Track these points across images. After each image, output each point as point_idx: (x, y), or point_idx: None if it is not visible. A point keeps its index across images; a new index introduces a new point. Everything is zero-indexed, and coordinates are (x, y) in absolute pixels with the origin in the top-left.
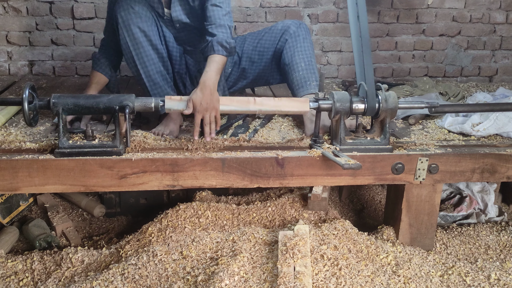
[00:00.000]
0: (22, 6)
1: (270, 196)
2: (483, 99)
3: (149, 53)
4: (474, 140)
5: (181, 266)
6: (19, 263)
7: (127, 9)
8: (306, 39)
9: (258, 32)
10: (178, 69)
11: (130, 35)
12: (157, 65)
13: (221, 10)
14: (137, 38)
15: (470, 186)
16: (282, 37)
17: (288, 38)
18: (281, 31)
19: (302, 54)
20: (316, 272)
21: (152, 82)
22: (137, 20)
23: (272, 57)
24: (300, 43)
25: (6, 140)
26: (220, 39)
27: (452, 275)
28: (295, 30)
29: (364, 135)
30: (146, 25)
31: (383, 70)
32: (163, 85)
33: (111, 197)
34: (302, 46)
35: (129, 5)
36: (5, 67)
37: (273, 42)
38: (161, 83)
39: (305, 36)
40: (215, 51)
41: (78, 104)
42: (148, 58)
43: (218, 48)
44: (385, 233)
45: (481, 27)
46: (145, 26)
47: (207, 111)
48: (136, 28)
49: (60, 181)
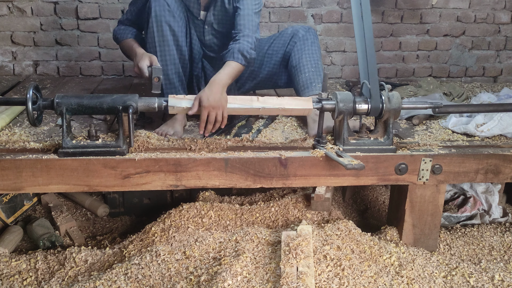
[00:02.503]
0: (26, 6)
1: (273, 196)
2: (487, 100)
3: (173, 52)
4: (478, 141)
5: (184, 266)
6: (23, 263)
7: (163, 5)
8: (314, 43)
9: (268, 37)
10: (197, 72)
11: (159, 31)
12: (177, 66)
13: (251, 21)
14: (165, 36)
15: (474, 187)
16: (292, 40)
17: (297, 41)
18: (290, 34)
19: (310, 57)
20: (319, 272)
21: (168, 81)
22: (169, 18)
23: (281, 59)
24: (308, 47)
25: (10, 140)
26: (242, 48)
27: (455, 276)
28: (304, 34)
29: (367, 135)
30: (177, 25)
31: (387, 70)
32: (177, 86)
33: (114, 197)
34: (310, 49)
35: (165, 2)
36: (10, 67)
37: (283, 45)
38: (177, 83)
39: (313, 40)
40: (234, 58)
41: (81, 104)
42: (171, 57)
43: (238, 56)
44: (389, 233)
45: (485, 27)
46: (175, 26)
47: (214, 108)
48: (167, 26)
49: (63, 180)
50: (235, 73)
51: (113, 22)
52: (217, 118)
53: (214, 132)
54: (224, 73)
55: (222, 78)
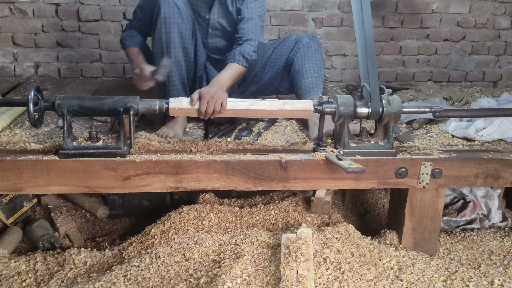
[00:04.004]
0: (28, 8)
1: (273, 199)
2: (487, 104)
3: (179, 55)
4: (478, 145)
5: (184, 268)
6: (22, 264)
7: (172, 7)
8: (318, 51)
9: (272, 42)
10: (200, 74)
11: (167, 33)
12: (182, 69)
13: (255, 24)
14: (172, 38)
15: (473, 191)
16: (295, 46)
17: (301, 47)
18: (294, 41)
19: (313, 63)
20: (319, 275)
21: (171, 83)
22: (178, 20)
23: (284, 65)
24: (311, 53)
25: (11, 141)
26: (244, 50)
27: (455, 280)
28: (308, 41)
29: (367, 139)
30: (185, 27)
31: (387, 74)
32: (180, 88)
33: (114, 198)
34: (313, 56)
35: (175, 4)
36: (11, 68)
37: (286, 50)
38: (179, 86)
39: (316, 48)
40: (236, 60)
41: (82, 105)
42: (176, 59)
43: (240, 58)
44: (388, 237)
45: (485, 32)
46: (183, 28)
47: (213, 98)
48: (175, 27)
49: (64, 182)
50: (236, 75)
51: (114, 24)
52: (216, 108)
53: (215, 134)
54: (225, 75)
55: (223, 79)
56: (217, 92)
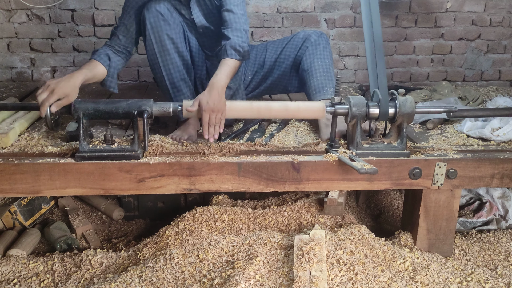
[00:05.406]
0: (45, 14)
1: (286, 200)
2: (503, 104)
3: (175, 60)
4: (494, 145)
5: (198, 269)
6: (40, 265)
7: (156, 16)
8: (326, 48)
9: (280, 41)
10: (199, 75)
11: (158, 42)
12: (182, 72)
13: (236, 14)
14: (164, 45)
15: (490, 192)
16: (303, 44)
17: (309, 45)
18: (302, 39)
19: (321, 61)
20: (332, 277)
21: (175, 88)
22: (166, 27)
23: (292, 63)
24: (320, 51)
25: (29, 144)
26: (234, 43)
27: (471, 282)
28: (316, 39)
29: (380, 139)
30: (174, 32)
31: (401, 74)
32: (185, 92)
33: (129, 200)
34: (322, 54)
35: (158, 12)
36: (29, 73)
37: (294, 49)
38: (184, 90)
39: (325, 45)
40: (228, 55)
41: (98, 109)
42: (174, 65)
43: (231, 52)
44: (403, 238)
45: (501, 30)
46: (173, 34)
47: (214, 112)
48: (165, 35)
49: (80, 184)
50: (233, 71)
51: None
52: (216, 120)
53: (228, 136)
54: (221, 74)
55: (221, 79)
56: (216, 103)
